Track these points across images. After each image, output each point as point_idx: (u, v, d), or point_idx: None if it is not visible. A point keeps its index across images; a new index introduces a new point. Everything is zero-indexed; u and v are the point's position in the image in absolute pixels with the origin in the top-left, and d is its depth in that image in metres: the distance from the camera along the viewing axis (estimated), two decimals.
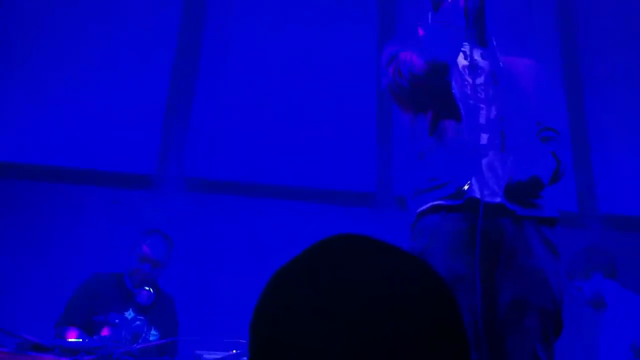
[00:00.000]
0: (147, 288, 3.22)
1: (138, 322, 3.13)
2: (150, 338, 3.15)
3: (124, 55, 4.45)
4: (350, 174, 4.37)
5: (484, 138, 2.02)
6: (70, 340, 2.31)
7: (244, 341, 2.07)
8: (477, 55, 2.15)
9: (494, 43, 2.16)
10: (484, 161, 1.99)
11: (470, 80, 2.10)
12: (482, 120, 2.04)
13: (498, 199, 1.95)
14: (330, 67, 4.60)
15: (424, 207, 2.00)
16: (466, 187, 1.93)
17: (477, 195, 1.91)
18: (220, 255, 4.05)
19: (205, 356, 1.92)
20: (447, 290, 0.67)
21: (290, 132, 4.40)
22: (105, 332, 3.07)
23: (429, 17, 2.16)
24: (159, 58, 4.52)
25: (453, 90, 2.04)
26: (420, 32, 2.15)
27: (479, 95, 2.09)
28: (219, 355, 1.93)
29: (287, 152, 4.35)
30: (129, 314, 3.18)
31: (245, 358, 1.93)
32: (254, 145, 4.35)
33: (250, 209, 4.23)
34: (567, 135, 4.49)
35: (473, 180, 1.95)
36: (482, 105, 2.07)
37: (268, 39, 4.65)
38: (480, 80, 2.12)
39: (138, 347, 2.01)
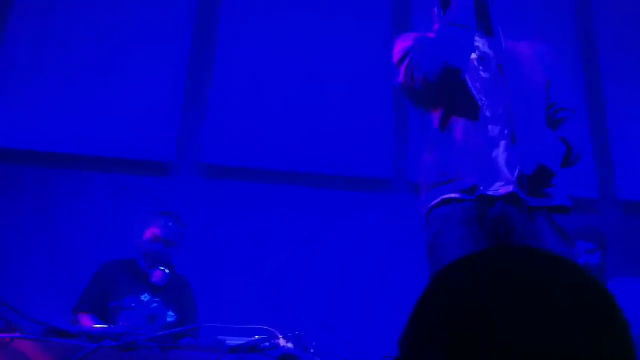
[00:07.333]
0: (161, 268, 3.23)
1: (155, 305, 3.12)
2: (168, 320, 3.14)
3: (142, 44, 4.46)
4: (366, 160, 4.37)
5: (495, 130, 2.02)
6: (95, 326, 2.32)
7: (265, 328, 2.07)
8: (485, 47, 2.14)
9: (500, 31, 2.13)
10: (495, 153, 2.00)
11: (481, 74, 2.09)
12: (489, 113, 2.03)
13: (511, 188, 1.96)
14: (346, 53, 4.58)
15: (435, 201, 2.03)
16: (477, 183, 1.95)
17: (488, 190, 1.94)
18: (236, 241, 4.06)
19: (229, 342, 1.93)
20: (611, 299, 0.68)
21: (306, 118, 4.39)
22: (121, 317, 3.07)
23: (437, 14, 2.13)
24: (176, 47, 4.52)
25: (469, 86, 2.03)
26: (433, 32, 2.11)
27: (487, 88, 2.07)
28: (242, 341, 1.93)
29: (303, 139, 4.34)
30: (145, 297, 3.17)
31: (267, 344, 1.93)
32: (270, 132, 4.35)
33: (266, 195, 4.23)
34: (585, 120, 4.45)
35: (484, 175, 1.96)
36: (490, 98, 2.06)
37: (284, 24, 4.63)
38: (488, 73, 2.11)
39: (161, 333, 2.01)
